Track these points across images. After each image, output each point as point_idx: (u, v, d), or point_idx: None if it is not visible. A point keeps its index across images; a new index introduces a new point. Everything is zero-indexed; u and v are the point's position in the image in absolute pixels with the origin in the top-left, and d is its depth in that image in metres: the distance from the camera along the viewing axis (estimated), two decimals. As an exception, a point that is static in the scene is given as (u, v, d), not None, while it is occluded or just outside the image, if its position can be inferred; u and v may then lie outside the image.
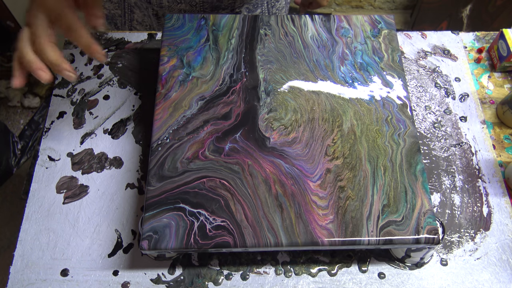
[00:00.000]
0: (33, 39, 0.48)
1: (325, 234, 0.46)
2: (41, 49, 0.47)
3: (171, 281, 0.53)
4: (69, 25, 0.48)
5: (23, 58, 0.48)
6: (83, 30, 0.48)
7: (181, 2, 0.70)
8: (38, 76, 0.48)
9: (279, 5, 0.81)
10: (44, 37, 0.48)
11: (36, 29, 0.48)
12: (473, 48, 0.73)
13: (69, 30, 0.48)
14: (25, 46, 0.48)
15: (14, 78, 0.49)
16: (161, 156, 0.51)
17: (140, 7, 0.71)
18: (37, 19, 0.48)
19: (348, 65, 0.58)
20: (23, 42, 0.48)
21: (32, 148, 1.58)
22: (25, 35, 0.48)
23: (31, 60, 0.48)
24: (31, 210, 0.57)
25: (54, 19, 0.48)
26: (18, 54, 0.49)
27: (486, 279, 0.53)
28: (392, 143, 0.52)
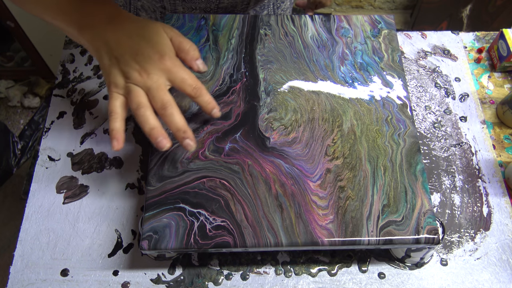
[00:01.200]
0: (152, 102, 0.45)
1: (325, 234, 0.46)
2: (169, 113, 0.45)
3: (171, 281, 0.53)
4: (183, 80, 0.47)
5: (143, 122, 0.45)
6: (204, 89, 0.47)
7: (195, 9, 0.70)
8: (159, 145, 0.45)
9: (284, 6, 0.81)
10: (171, 100, 0.46)
11: (157, 91, 0.45)
12: (473, 48, 0.73)
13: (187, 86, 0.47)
14: (146, 108, 0.45)
15: (116, 142, 0.45)
16: (161, 156, 0.51)
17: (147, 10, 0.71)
18: (155, 79, 0.45)
19: (348, 65, 0.58)
20: (142, 104, 0.45)
21: (32, 148, 1.58)
22: (137, 96, 0.45)
23: (154, 127, 0.45)
24: (31, 210, 0.57)
25: (171, 79, 0.47)
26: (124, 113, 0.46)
27: (486, 279, 0.53)
28: (392, 143, 0.52)
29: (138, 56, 0.46)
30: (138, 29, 0.48)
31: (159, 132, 0.45)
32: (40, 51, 1.56)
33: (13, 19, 1.39)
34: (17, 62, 1.69)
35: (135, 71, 0.46)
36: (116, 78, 0.46)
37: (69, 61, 0.69)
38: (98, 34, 0.47)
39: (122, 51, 0.46)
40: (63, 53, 0.70)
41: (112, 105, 0.46)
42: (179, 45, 0.49)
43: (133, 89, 0.46)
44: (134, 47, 0.46)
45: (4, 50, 1.69)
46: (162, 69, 0.46)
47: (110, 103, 0.46)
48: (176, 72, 0.46)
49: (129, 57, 0.46)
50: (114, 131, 0.46)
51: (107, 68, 0.47)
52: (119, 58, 0.46)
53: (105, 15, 0.48)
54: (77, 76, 0.68)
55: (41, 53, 1.57)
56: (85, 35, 0.48)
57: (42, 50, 1.56)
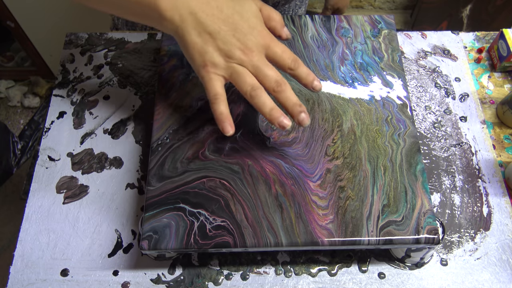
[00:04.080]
0: (264, 81, 0.42)
1: (325, 234, 0.46)
2: (283, 90, 0.42)
3: (171, 281, 0.53)
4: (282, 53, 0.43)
5: (262, 105, 0.42)
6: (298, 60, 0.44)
7: None
8: (282, 125, 0.42)
9: (300, 12, 0.83)
10: (281, 76, 0.43)
11: (267, 69, 0.42)
12: (473, 48, 0.73)
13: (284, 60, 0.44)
14: (261, 90, 0.42)
15: (229, 125, 0.43)
16: (161, 156, 0.51)
17: None
18: (259, 57, 0.42)
19: (348, 65, 0.58)
20: (256, 86, 0.42)
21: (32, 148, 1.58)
22: (247, 77, 0.42)
23: (273, 107, 0.42)
24: (31, 210, 0.57)
25: (270, 54, 0.44)
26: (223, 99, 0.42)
27: (486, 279, 0.53)
28: (392, 143, 0.52)
29: (237, 32, 0.41)
30: (228, 1, 0.43)
31: (279, 112, 0.42)
32: (40, 51, 1.56)
33: (13, 19, 1.39)
34: (17, 62, 1.69)
35: (238, 49, 0.41)
36: (213, 57, 0.41)
37: (69, 61, 0.69)
38: (182, 4, 0.41)
39: (217, 26, 0.41)
40: (63, 53, 0.70)
41: (215, 86, 0.42)
42: (269, 15, 0.45)
43: (240, 70, 0.42)
44: (229, 21, 0.41)
45: (4, 50, 1.69)
46: (262, 44, 0.43)
47: (210, 85, 0.42)
48: (274, 46, 0.43)
49: (226, 33, 0.41)
50: (223, 114, 0.42)
51: (199, 45, 0.41)
52: (214, 34, 0.41)
53: None
54: (77, 76, 0.68)
55: (41, 53, 1.57)
56: (164, 4, 0.41)
57: (42, 50, 1.56)
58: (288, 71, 0.44)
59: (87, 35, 0.72)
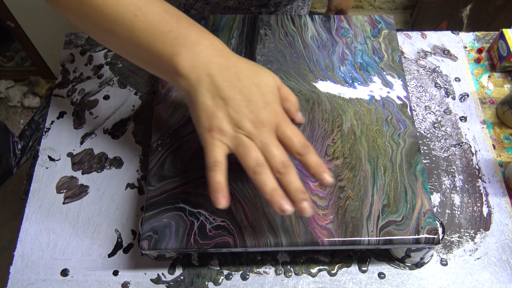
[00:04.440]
0: (270, 160, 0.40)
1: (325, 234, 0.46)
2: (288, 172, 0.40)
3: (171, 281, 0.53)
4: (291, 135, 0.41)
5: (264, 183, 0.39)
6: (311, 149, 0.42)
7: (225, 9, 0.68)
8: (281, 209, 0.39)
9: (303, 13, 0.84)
10: (289, 159, 0.40)
11: (275, 148, 0.40)
12: (473, 48, 0.73)
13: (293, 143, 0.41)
14: (266, 168, 0.39)
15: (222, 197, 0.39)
16: (161, 156, 0.51)
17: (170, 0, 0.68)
18: (268, 134, 0.40)
19: (348, 65, 0.58)
20: (262, 163, 0.39)
21: (32, 148, 1.58)
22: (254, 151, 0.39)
23: (275, 188, 0.39)
24: (31, 210, 0.57)
25: (280, 134, 0.41)
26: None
27: (486, 279, 0.53)
28: (392, 143, 0.52)
29: (251, 104, 0.40)
30: (248, 71, 0.41)
31: (280, 194, 0.39)
32: (40, 51, 1.56)
33: (13, 19, 1.39)
34: (17, 62, 1.69)
35: (249, 121, 0.39)
36: (222, 124, 0.39)
37: (69, 61, 0.69)
38: (201, 64, 0.40)
39: (232, 94, 0.39)
40: (63, 53, 0.70)
41: (216, 154, 0.40)
42: (286, 96, 0.44)
43: (246, 142, 0.40)
44: (245, 91, 0.40)
45: (4, 50, 1.69)
46: (274, 122, 0.41)
47: (212, 150, 0.40)
48: (286, 127, 0.41)
49: (240, 103, 0.39)
50: (219, 184, 0.39)
51: (209, 108, 0.39)
52: (228, 100, 0.39)
53: (209, 42, 0.41)
54: (77, 76, 0.68)
55: (41, 53, 1.57)
56: (183, 61, 0.39)
57: (42, 50, 1.56)
58: (296, 156, 0.41)
59: (87, 35, 0.72)
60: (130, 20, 0.40)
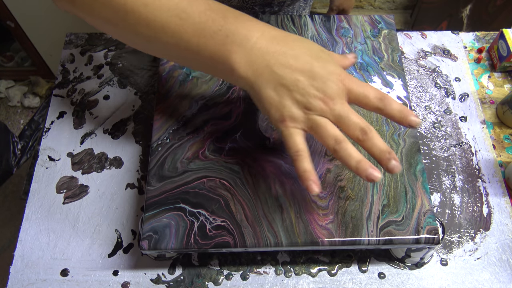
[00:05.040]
0: (348, 130, 0.39)
1: (325, 234, 0.46)
2: (370, 137, 0.39)
3: (171, 281, 0.53)
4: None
5: (348, 158, 0.39)
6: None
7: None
8: (371, 177, 0.38)
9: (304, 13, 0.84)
10: (367, 123, 0.40)
11: (351, 117, 0.39)
12: (473, 48, 0.73)
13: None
14: (346, 142, 0.39)
15: (314, 184, 0.39)
16: (161, 156, 0.51)
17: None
18: (340, 104, 0.39)
19: (348, 65, 0.58)
20: (340, 138, 0.39)
21: (32, 148, 1.58)
22: (330, 129, 0.39)
23: (361, 159, 0.39)
24: (31, 210, 0.57)
25: (353, 97, 0.40)
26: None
27: (486, 279, 0.53)
28: (392, 143, 0.52)
29: (315, 81, 0.38)
30: (303, 48, 0.40)
31: (367, 163, 0.39)
32: (40, 51, 1.56)
33: (13, 19, 1.39)
34: (17, 62, 1.69)
35: (317, 99, 0.38)
36: (291, 111, 0.39)
37: (69, 61, 0.69)
38: (257, 57, 0.39)
39: (294, 77, 0.38)
40: (63, 53, 0.70)
41: (297, 142, 0.39)
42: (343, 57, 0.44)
43: (321, 122, 0.39)
44: (306, 69, 0.39)
45: (4, 50, 1.69)
46: (343, 90, 0.39)
47: (290, 141, 0.39)
48: (356, 88, 0.40)
49: (305, 84, 0.38)
50: (308, 172, 0.39)
51: (275, 100, 0.39)
52: (291, 86, 0.38)
53: (260, 33, 0.39)
54: (77, 76, 0.68)
55: (41, 53, 1.57)
56: (238, 59, 0.38)
57: (42, 50, 1.56)
58: (377, 111, 0.40)
59: (87, 35, 0.72)
60: (177, 24, 0.39)
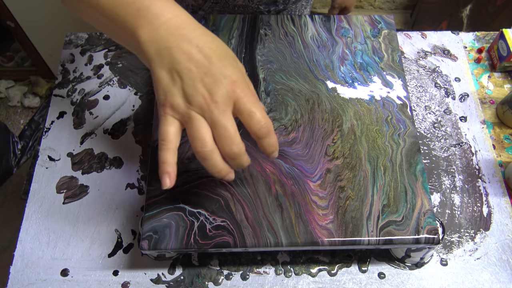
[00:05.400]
0: (218, 142, 0.38)
1: (325, 234, 0.46)
2: (238, 161, 0.39)
3: (171, 281, 0.53)
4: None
5: (211, 167, 0.38)
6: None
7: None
8: (226, 179, 0.40)
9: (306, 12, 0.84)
10: (241, 145, 0.39)
11: (225, 129, 0.38)
12: (473, 48, 0.73)
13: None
14: (213, 151, 0.38)
15: (168, 178, 0.38)
16: (161, 156, 0.51)
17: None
18: (222, 110, 0.37)
19: (348, 65, 0.58)
20: (208, 145, 0.37)
21: (32, 148, 1.58)
22: (200, 131, 0.37)
23: (221, 170, 0.39)
24: (31, 210, 0.57)
25: (238, 110, 0.39)
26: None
27: (486, 279, 0.53)
28: (392, 143, 0.52)
29: (207, 77, 0.37)
30: (211, 43, 0.39)
31: (226, 171, 0.39)
32: (40, 51, 1.56)
33: (13, 19, 1.39)
34: (17, 62, 1.69)
35: (201, 96, 0.37)
36: (174, 99, 0.38)
37: (69, 61, 0.69)
38: (161, 37, 0.38)
39: (188, 66, 0.37)
40: (63, 53, 0.70)
41: (166, 131, 0.38)
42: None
43: (195, 119, 0.37)
44: (204, 64, 0.38)
45: (4, 50, 1.69)
46: (231, 96, 0.38)
47: (162, 127, 0.38)
48: (245, 103, 0.38)
49: (195, 76, 0.37)
50: (166, 164, 0.38)
51: (164, 83, 0.38)
52: (183, 74, 0.37)
53: (172, 15, 0.39)
54: (77, 76, 0.68)
55: (41, 53, 1.57)
56: (143, 33, 0.38)
57: (42, 50, 1.56)
58: (254, 136, 0.40)
59: (87, 35, 0.72)
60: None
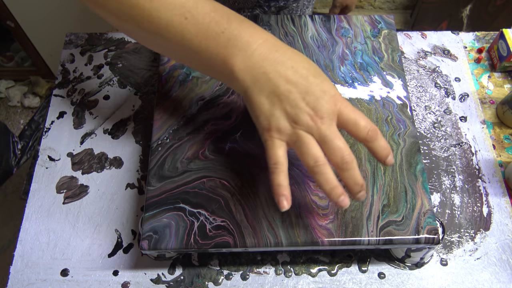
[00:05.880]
0: (329, 154, 0.38)
1: (325, 234, 0.46)
2: (350, 168, 0.39)
3: (171, 281, 0.53)
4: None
5: (324, 182, 0.38)
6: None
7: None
8: (341, 204, 0.39)
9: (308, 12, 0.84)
10: (351, 153, 0.39)
11: (334, 141, 0.38)
12: (473, 48, 0.73)
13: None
14: (325, 165, 0.38)
15: (286, 201, 0.39)
16: (161, 156, 0.51)
17: None
18: (328, 125, 0.38)
19: (348, 65, 0.58)
20: (321, 160, 0.38)
21: (32, 148, 1.58)
22: (312, 148, 0.38)
23: (336, 185, 0.39)
24: (31, 210, 0.57)
25: (343, 122, 0.40)
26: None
27: (486, 279, 0.53)
28: (392, 143, 0.52)
29: (308, 96, 0.38)
30: (302, 62, 0.40)
31: (341, 191, 0.39)
32: (40, 51, 1.56)
33: (13, 19, 1.39)
34: (17, 62, 1.69)
35: (306, 115, 0.38)
36: (279, 122, 0.38)
37: (69, 61, 0.69)
38: (256, 63, 0.38)
39: (288, 88, 0.38)
40: (63, 53, 0.70)
41: (276, 154, 0.39)
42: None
43: (305, 138, 0.38)
44: (302, 84, 0.38)
45: (4, 50, 1.69)
46: (334, 111, 0.39)
47: (271, 151, 0.39)
48: (348, 113, 0.39)
49: (296, 96, 0.38)
50: (281, 187, 0.39)
51: (265, 108, 0.38)
52: (283, 97, 0.38)
53: (262, 40, 0.39)
54: (77, 76, 0.68)
55: (41, 53, 1.57)
56: (238, 62, 0.38)
57: (42, 50, 1.56)
58: (363, 142, 0.40)
59: (87, 35, 0.72)
60: (181, 23, 0.39)
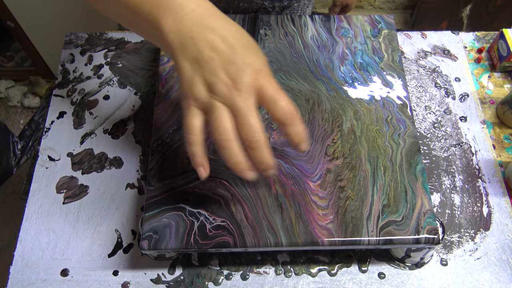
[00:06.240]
0: (240, 130, 0.37)
1: (325, 234, 0.46)
2: (258, 150, 0.37)
3: (171, 281, 0.53)
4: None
5: (228, 157, 0.37)
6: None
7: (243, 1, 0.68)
8: (245, 177, 0.38)
9: (308, 11, 0.84)
10: (262, 133, 0.37)
11: (246, 116, 0.37)
12: (473, 48, 0.73)
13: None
14: (232, 141, 0.37)
15: (203, 169, 0.38)
16: (161, 156, 0.51)
17: None
18: (244, 98, 0.36)
19: (348, 65, 0.58)
20: (228, 135, 0.37)
21: (32, 148, 1.58)
22: (222, 120, 0.37)
23: (240, 162, 0.37)
24: (31, 210, 0.57)
25: (261, 98, 0.38)
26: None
27: (486, 279, 0.53)
28: (392, 143, 0.52)
29: (230, 65, 0.37)
30: (235, 32, 0.38)
31: (245, 166, 0.37)
32: (40, 51, 1.56)
33: (13, 19, 1.39)
34: (17, 62, 1.69)
35: (223, 84, 0.36)
36: (197, 88, 0.37)
37: (69, 61, 0.69)
38: (185, 27, 0.37)
39: (211, 55, 0.37)
40: (63, 53, 0.70)
41: (192, 124, 0.38)
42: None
43: (217, 108, 0.37)
44: (227, 53, 0.37)
45: (4, 50, 1.69)
46: (254, 85, 0.37)
47: (188, 120, 0.38)
48: (269, 90, 0.37)
49: (217, 65, 0.37)
50: (197, 157, 0.38)
51: (187, 73, 0.37)
52: (205, 63, 0.37)
53: (196, 5, 0.38)
54: (77, 76, 0.68)
55: (41, 53, 1.57)
56: (168, 24, 0.37)
57: (42, 50, 1.56)
58: (279, 123, 0.39)
59: (87, 35, 0.72)
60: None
